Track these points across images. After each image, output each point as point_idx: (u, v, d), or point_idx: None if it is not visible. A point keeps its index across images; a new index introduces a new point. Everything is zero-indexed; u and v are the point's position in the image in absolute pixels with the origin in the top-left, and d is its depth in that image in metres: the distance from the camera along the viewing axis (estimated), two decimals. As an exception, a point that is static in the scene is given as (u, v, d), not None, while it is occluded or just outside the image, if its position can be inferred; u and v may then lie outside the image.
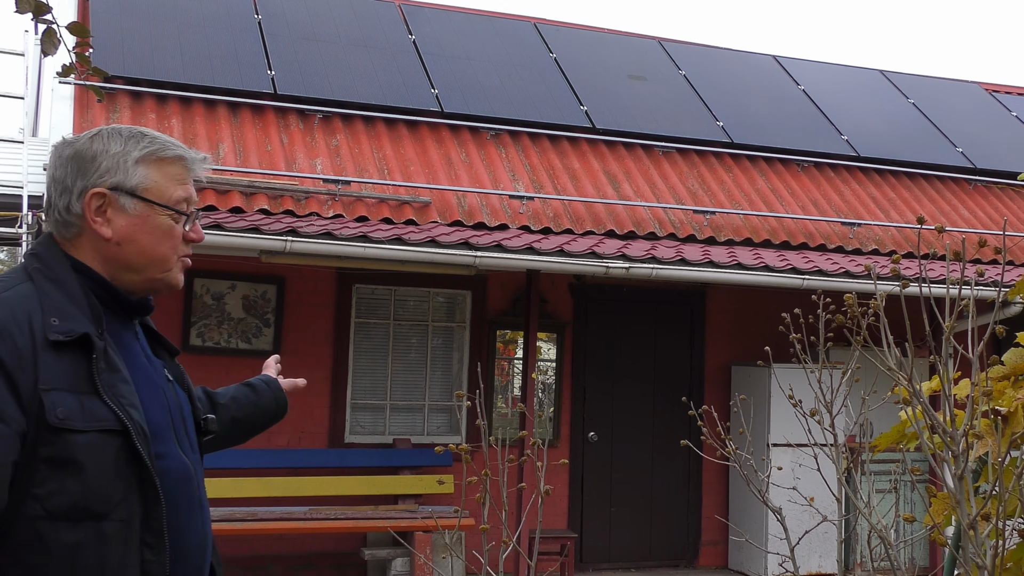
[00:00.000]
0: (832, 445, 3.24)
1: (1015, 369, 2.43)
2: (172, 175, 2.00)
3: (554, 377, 9.60)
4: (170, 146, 2.01)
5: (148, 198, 1.96)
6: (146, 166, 1.97)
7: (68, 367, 1.77)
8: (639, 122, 10.34)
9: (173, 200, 1.98)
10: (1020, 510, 2.08)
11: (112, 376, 1.83)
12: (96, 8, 9.27)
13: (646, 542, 9.69)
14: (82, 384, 1.78)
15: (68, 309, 1.83)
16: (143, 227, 1.95)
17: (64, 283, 1.87)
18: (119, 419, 1.79)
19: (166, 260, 1.98)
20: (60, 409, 1.73)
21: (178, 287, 2.03)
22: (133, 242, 1.95)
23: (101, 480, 1.76)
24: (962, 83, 13.42)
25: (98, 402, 1.78)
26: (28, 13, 3.56)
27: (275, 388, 2.62)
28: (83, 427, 1.74)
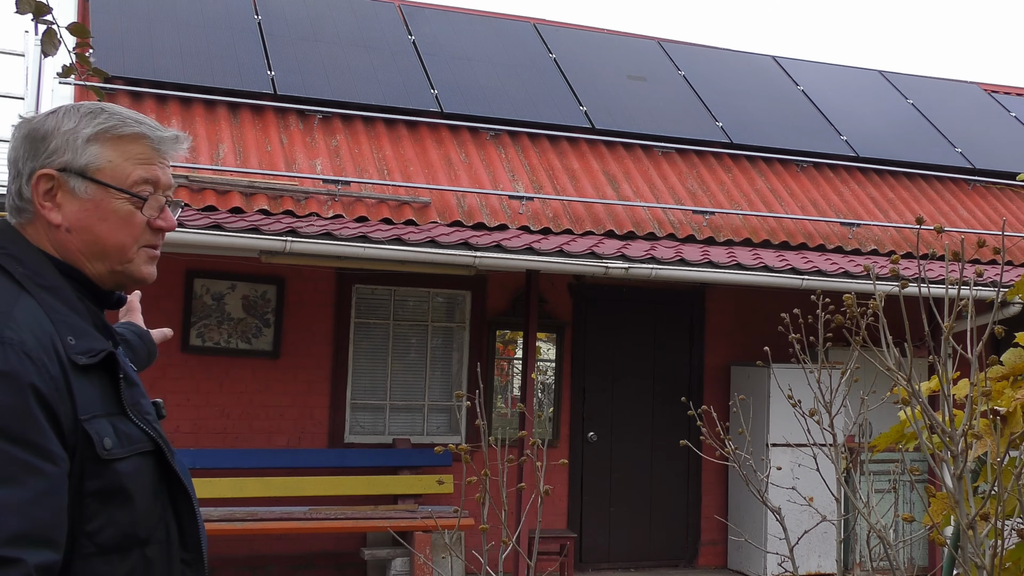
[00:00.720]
0: (831, 445, 3.24)
1: (1014, 369, 2.44)
2: (131, 154, 1.78)
3: (553, 377, 9.61)
4: (129, 122, 1.79)
5: (101, 180, 1.74)
6: (100, 144, 1.76)
7: (98, 390, 1.65)
8: (638, 122, 10.35)
9: (130, 182, 1.76)
10: (1019, 510, 2.08)
11: (134, 392, 1.72)
12: (96, 9, 9.27)
13: (645, 542, 9.70)
14: (111, 406, 1.66)
15: (77, 324, 1.68)
16: (96, 213, 1.75)
17: (59, 291, 1.70)
18: (150, 438, 1.70)
19: (123, 250, 1.77)
20: (107, 439, 1.61)
21: (145, 281, 1.82)
22: (85, 230, 1.74)
23: (144, 505, 1.67)
24: (961, 83, 13.43)
25: (128, 423, 1.67)
26: (28, 14, 3.56)
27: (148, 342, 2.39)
28: (124, 453, 1.64)
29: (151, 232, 1.80)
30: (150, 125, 1.82)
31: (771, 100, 11.44)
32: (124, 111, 1.81)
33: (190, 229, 7.03)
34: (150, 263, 1.82)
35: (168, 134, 1.84)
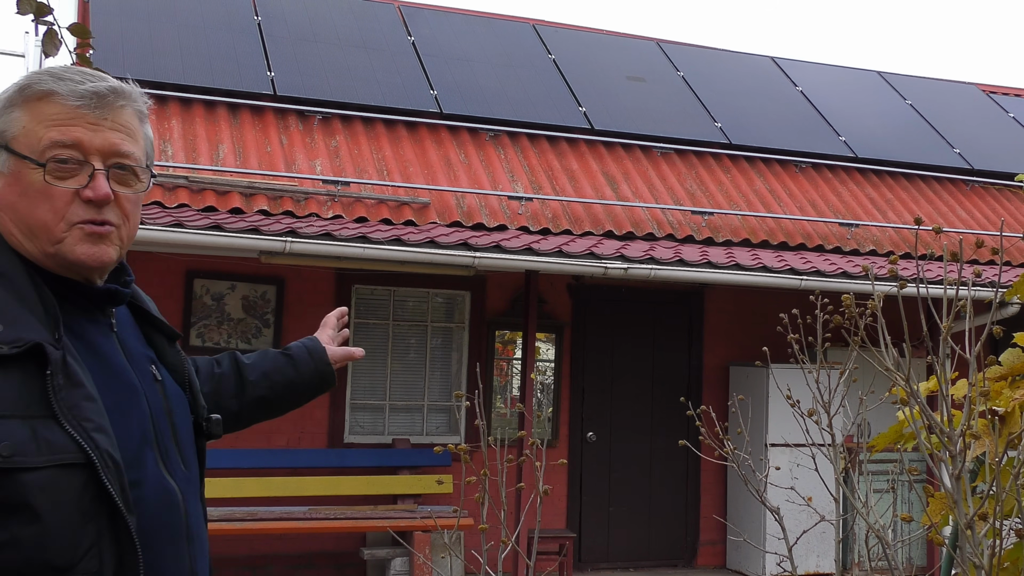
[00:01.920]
0: (830, 445, 3.25)
1: (1012, 369, 2.44)
2: (44, 116, 1.51)
3: (553, 377, 9.62)
4: (45, 79, 1.53)
5: (15, 149, 1.51)
6: (20, 108, 1.53)
7: (15, 387, 1.39)
8: (637, 123, 10.36)
9: (42, 147, 1.50)
10: (1017, 510, 2.09)
11: (73, 393, 1.43)
12: (96, 9, 9.28)
13: (645, 542, 9.70)
14: (35, 406, 1.39)
15: (14, 312, 1.44)
16: (16, 187, 1.51)
17: (8, 277, 1.48)
18: (82, 449, 1.40)
19: (46, 229, 1.51)
20: (5, 444, 1.35)
21: (84, 264, 1.54)
22: (10, 208, 1.52)
23: (63, 527, 1.39)
24: (959, 84, 13.44)
25: (55, 428, 1.39)
26: (29, 14, 3.56)
27: (319, 359, 2.16)
28: (36, 463, 1.37)
29: (83, 206, 1.52)
30: (72, 80, 1.53)
31: (770, 101, 11.45)
32: (58, 69, 1.56)
33: (190, 229, 7.04)
34: (87, 242, 1.53)
35: (86, 87, 1.53)
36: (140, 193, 1.61)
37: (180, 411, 1.68)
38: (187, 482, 1.62)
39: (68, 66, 1.60)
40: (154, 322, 1.73)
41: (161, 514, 1.53)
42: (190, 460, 1.66)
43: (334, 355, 2.22)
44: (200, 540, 1.64)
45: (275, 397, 2.12)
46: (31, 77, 1.55)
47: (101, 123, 1.54)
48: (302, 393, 2.17)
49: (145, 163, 1.62)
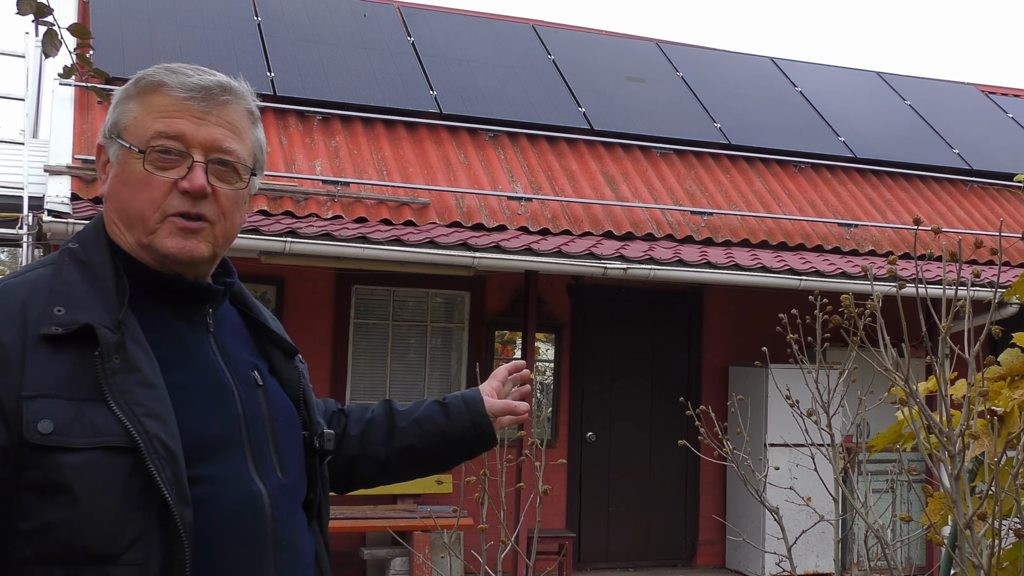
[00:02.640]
0: (829, 445, 3.26)
1: (1011, 369, 2.45)
2: (154, 107, 1.53)
3: (552, 377, 9.62)
4: (159, 72, 1.55)
5: (124, 139, 1.53)
6: (134, 101, 1.55)
7: (68, 368, 1.38)
8: (637, 124, 10.36)
9: (147, 137, 1.51)
10: (1016, 510, 2.09)
11: (128, 378, 1.40)
12: (96, 10, 9.28)
13: (644, 542, 9.71)
14: (85, 389, 1.38)
15: (83, 296, 1.44)
16: (121, 176, 1.53)
17: (93, 265, 1.48)
18: (128, 433, 1.36)
19: (143, 218, 1.51)
20: (44, 422, 1.33)
21: (174, 257, 1.52)
22: (114, 197, 1.54)
23: (104, 513, 1.34)
24: (958, 85, 13.45)
25: (105, 411, 1.37)
26: (29, 15, 3.57)
27: (475, 408, 1.95)
28: (77, 444, 1.34)
29: (180, 197, 1.51)
30: (183, 74, 1.56)
31: (769, 101, 11.46)
32: (180, 65, 1.58)
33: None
34: (178, 236, 1.52)
35: (196, 81, 1.55)
36: (240, 191, 1.59)
37: (283, 420, 1.62)
38: (282, 490, 1.56)
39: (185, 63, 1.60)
40: (271, 336, 1.69)
41: (239, 515, 1.48)
42: (290, 469, 1.60)
43: (493, 407, 1.96)
44: (294, 551, 1.58)
45: (424, 447, 1.93)
46: (147, 70, 1.57)
47: (206, 117, 1.54)
48: (456, 447, 1.96)
49: (251, 163, 1.61)
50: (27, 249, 7.55)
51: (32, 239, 7.50)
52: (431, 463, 1.98)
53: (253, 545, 1.49)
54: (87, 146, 8.00)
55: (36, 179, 7.76)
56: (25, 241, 7.54)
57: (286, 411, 1.64)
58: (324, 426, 1.75)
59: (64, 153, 7.82)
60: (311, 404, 1.71)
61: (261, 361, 1.65)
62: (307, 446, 1.67)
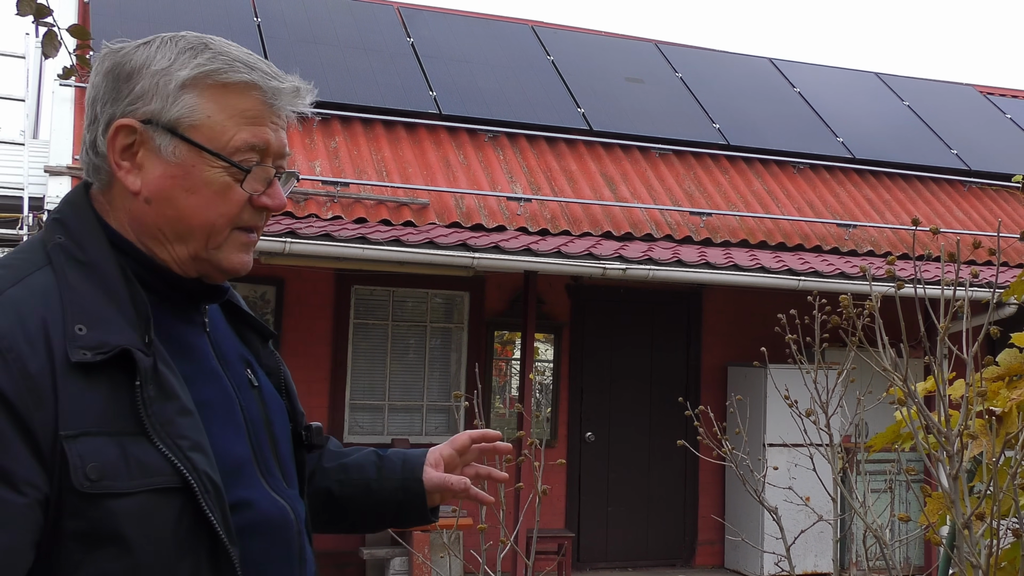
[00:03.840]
0: (828, 445, 3.27)
1: (1009, 370, 2.46)
2: (236, 110, 1.36)
3: (551, 378, 9.63)
4: (238, 66, 1.36)
5: (194, 140, 1.34)
6: (198, 93, 1.35)
7: (103, 399, 1.22)
8: (636, 124, 10.37)
9: (232, 147, 1.35)
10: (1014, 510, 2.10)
11: (166, 407, 1.26)
12: (96, 11, 9.30)
13: (643, 541, 9.72)
14: (124, 422, 1.22)
15: (100, 310, 1.27)
16: (184, 181, 1.34)
17: (97, 268, 1.30)
18: (178, 471, 1.24)
19: (214, 231, 1.36)
20: (92, 466, 1.18)
21: (235, 272, 1.40)
22: (168, 202, 1.35)
23: (158, 559, 1.22)
24: (957, 85, 13.46)
25: (147, 447, 1.23)
26: (29, 16, 3.57)
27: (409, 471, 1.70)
28: (127, 488, 1.20)
29: (251, 211, 1.39)
30: (264, 72, 1.38)
31: (768, 102, 11.47)
32: (233, 49, 1.39)
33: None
34: (244, 251, 1.40)
35: (286, 85, 1.40)
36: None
37: (279, 420, 1.49)
38: (296, 501, 1.46)
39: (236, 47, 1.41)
40: (247, 319, 1.55)
41: (274, 537, 1.38)
42: (291, 475, 1.49)
43: (429, 480, 1.70)
44: (311, 562, 1.50)
45: (344, 499, 1.70)
46: (213, 58, 1.37)
47: (280, 123, 1.41)
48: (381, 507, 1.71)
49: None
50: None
51: (32, 240, 7.50)
52: (348, 518, 1.74)
53: (289, 566, 1.42)
54: (87, 147, 8.00)
55: (36, 180, 7.77)
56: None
57: (279, 408, 1.51)
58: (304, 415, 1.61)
59: (64, 154, 7.82)
60: (293, 394, 1.57)
61: (245, 351, 1.51)
62: (296, 441, 1.54)
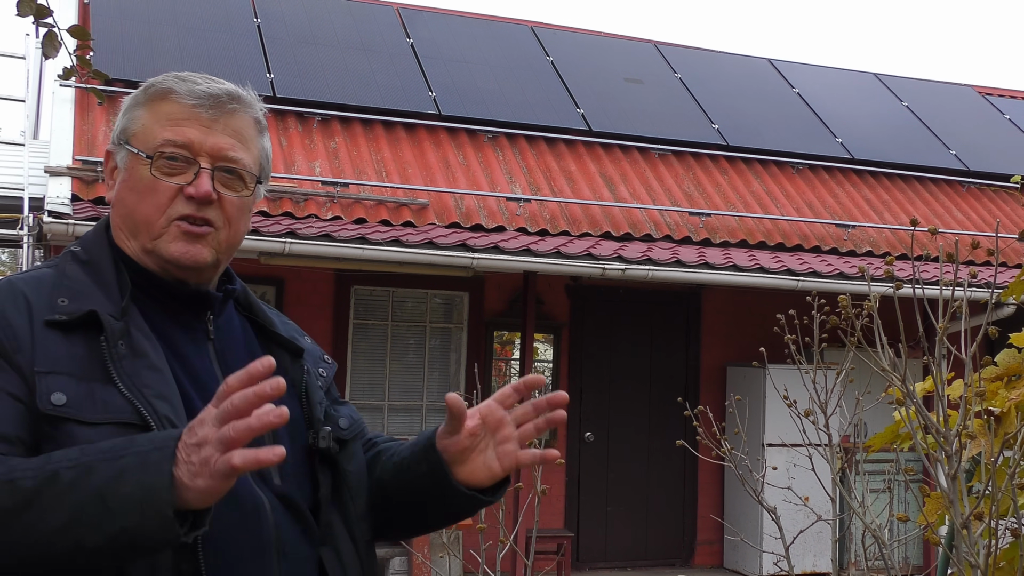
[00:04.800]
0: (827, 445, 3.28)
1: (1008, 370, 2.46)
2: (163, 114, 1.55)
3: (551, 378, 9.64)
4: (169, 80, 1.57)
5: (132, 145, 1.55)
6: (143, 108, 1.57)
7: (78, 353, 1.40)
8: (635, 125, 10.38)
9: (154, 145, 1.53)
10: (1013, 510, 2.11)
11: (135, 363, 1.42)
12: (96, 11, 9.29)
13: (642, 541, 9.73)
14: (96, 371, 1.39)
15: (86, 290, 1.47)
16: (128, 183, 1.55)
17: (95, 264, 1.52)
18: (138, 411, 1.37)
19: (148, 223, 1.52)
20: (56, 394, 1.35)
21: (178, 262, 1.53)
22: (120, 202, 1.56)
23: None
24: (955, 86, 13.47)
25: (113, 391, 1.38)
26: (29, 16, 3.58)
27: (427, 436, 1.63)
28: (90, 418, 1.35)
29: (184, 202, 1.53)
30: (192, 82, 1.57)
31: (767, 102, 11.48)
32: (187, 73, 1.61)
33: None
34: (182, 240, 1.53)
35: (213, 89, 1.57)
36: (245, 199, 1.59)
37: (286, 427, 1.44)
38: (282, 498, 1.50)
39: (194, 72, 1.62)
40: (277, 339, 1.65)
41: (242, 525, 1.43)
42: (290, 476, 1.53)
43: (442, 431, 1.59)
44: (298, 559, 1.51)
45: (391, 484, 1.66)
46: (157, 78, 1.59)
47: (213, 125, 1.56)
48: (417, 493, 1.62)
49: (257, 172, 1.63)
50: (27, 250, 7.56)
51: (32, 240, 7.52)
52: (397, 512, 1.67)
53: (260, 556, 1.45)
54: (87, 147, 8.01)
55: (36, 180, 7.77)
56: (25, 242, 7.55)
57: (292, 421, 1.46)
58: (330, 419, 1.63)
59: (64, 154, 7.83)
60: (312, 402, 1.62)
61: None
62: (309, 448, 1.58)
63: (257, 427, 1.23)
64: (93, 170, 7.62)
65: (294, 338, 1.68)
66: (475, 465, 1.57)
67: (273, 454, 1.24)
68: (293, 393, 1.59)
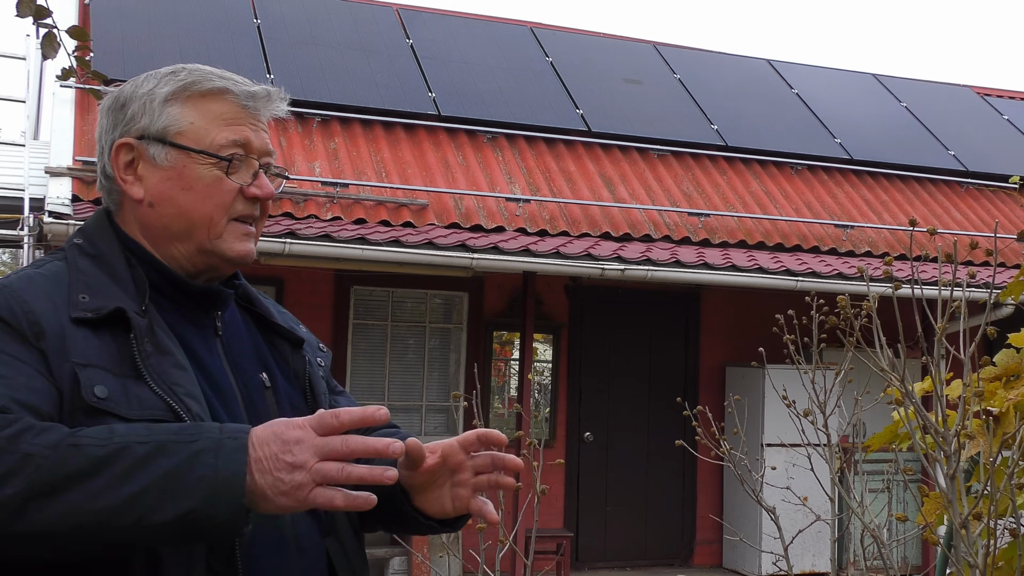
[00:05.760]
0: (825, 445, 3.29)
1: (1007, 370, 2.47)
2: (215, 114, 1.56)
3: (550, 378, 9.65)
4: (211, 77, 1.57)
5: (182, 143, 1.54)
6: (180, 104, 1.55)
7: (107, 350, 1.40)
8: (634, 125, 10.39)
9: (215, 144, 1.54)
10: (1011, 509, 2.12)
11: (163, 360, 1.42)
12: (96, 12, 9.30)
13: (641, 541, 9.74)
14: (125, 367, 1.40)
15: (102, 285, 1.47)
16: (179, 181, 1.53)
17: (104, 257, 1.51)
18: (172, 409, 1.38)
19: (211, 223, 1.53)
20: (99, 387, 1.36)
21: (239, 260, 1.57)
22: (168, 201, 1.53)
23: None
24: (954, 87, 13.48)
25: (145, 389, 1.39)
26: (29, 17, 3.58)
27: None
28: (128, 414, 1.36)
29: (244, 202, 1.56)
30: (235, 80, 1.59)
31: (766, 103, 11.49)
32: (206, 67, 1.60)
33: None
34: (244, 239, 1.57)
35: (257, 89, 1.60)
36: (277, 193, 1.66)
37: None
38: None
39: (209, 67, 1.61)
40: (277, 329, 1.68)
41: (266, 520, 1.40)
42: None
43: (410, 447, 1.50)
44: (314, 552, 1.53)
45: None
46: (189, 74, 1.57)
47: (259, 123, 1.59)
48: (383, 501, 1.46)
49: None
50: (28, 250, 7.57)
51: (33, 240, 7.53)
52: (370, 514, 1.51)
53: (280, 551, 1.48)
54: (88, 148, 8.02)
55: (37, 181, 7.78)
56: (26, 242, 7.56)
57: (297, 411, 1.56)
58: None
59: (65, 155, 7.83)
60: (317, 393, 1.65)
61: (271, 358, 1.64)
62: None
63: (368, 480, 1.27)
64: (93, 170, 7.60)
65: (293, 328, 1.70)
66: (431, 498, 1.59)
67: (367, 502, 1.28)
68: (296, 383, 1.64)
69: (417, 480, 1.57)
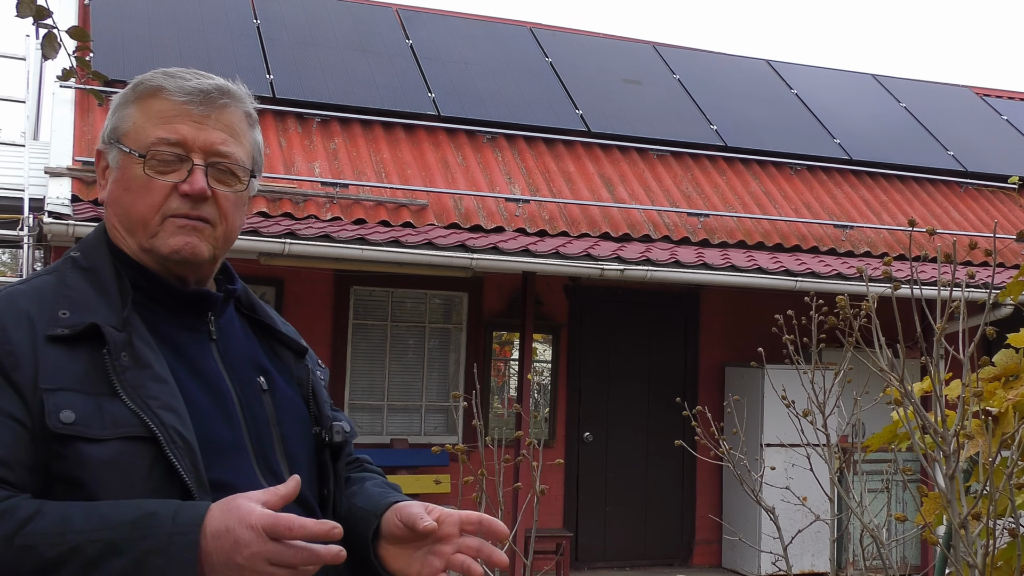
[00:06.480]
0: (825, 445, 3.29)
1: (1006, 370, 2.47)
2: (154, 113, 1.54)
3: (550, 378, 9.65)
4: (157, 76, 1.56)
5: (124, 144, 1.54)
6: (133, 106, 1.56)
7: (82, 366, 1.40)
8: (634, 125, 10.39)
9: (147, 143, 1.52)
10: (1010, 509, 2.12)
11: (140, 374, 1.41)
12: (96, 13, 9.30)
13: (641, 541, 9.74)
14: (101, 385, 1.39)
15: (87, 300, 1.46)
16: (122, 182, 1.54)
17: (95, 271, 1.51)
18: (145, 424, 1.38)
19: (144, 221, 1.52)
20: (65, 412, 1.35)
21: (177, 255, 1.53)
22: (116, 202, 1.56)
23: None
24: (953, 87, 13.49)
25: (120, 405, 1.38)
26: (29, 17, 3.58)
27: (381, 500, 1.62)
28: (99, 435, 1.36)
29: (178, 200, 1.52)
30: (181, 77, 1.56)
31: (765, 103, 11.49)
32: (175, 69, 1.59)
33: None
34: (179, 232, 1.53)
35: (203, 85, 1.57)
36: (239, 194, 1.59)
37: (293, 424, 1.60)
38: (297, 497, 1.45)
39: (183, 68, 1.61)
40: (280, 338, 1.69)
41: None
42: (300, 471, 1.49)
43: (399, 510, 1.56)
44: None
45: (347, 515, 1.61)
46: (145, 75, 1.58)
47: (205, 121, 1.55)
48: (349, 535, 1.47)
49: (250, 166, 1.61)
50: (27, 251, 7.57)
51: (33, 241, 7.53)
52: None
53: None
54: (87, 148, 8.02)
55: (37, 181, 7.78)
56: (26, 243, 7.56)
57: (296, 414, 1.61)
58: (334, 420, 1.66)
59: (64, 155, 7.84)
60: (320, 400, 1.66)
61: (270, 364, 1.63)
62: (317, 442, 1.62)
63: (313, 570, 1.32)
64: (93, 171, 7.61)
65: (296, 338, 1.71)
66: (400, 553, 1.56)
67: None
68: (298, 390, 1.65)
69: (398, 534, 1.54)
